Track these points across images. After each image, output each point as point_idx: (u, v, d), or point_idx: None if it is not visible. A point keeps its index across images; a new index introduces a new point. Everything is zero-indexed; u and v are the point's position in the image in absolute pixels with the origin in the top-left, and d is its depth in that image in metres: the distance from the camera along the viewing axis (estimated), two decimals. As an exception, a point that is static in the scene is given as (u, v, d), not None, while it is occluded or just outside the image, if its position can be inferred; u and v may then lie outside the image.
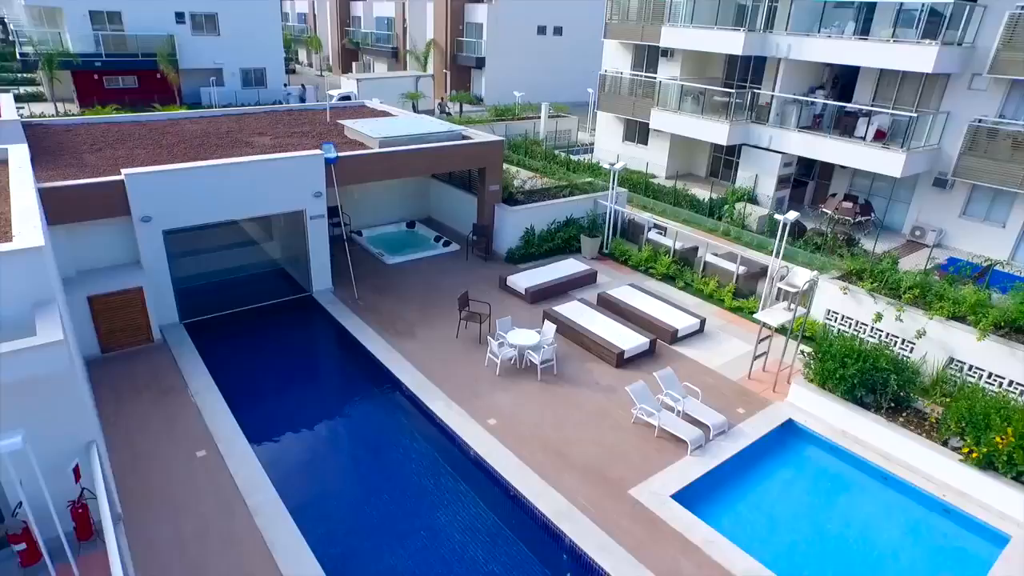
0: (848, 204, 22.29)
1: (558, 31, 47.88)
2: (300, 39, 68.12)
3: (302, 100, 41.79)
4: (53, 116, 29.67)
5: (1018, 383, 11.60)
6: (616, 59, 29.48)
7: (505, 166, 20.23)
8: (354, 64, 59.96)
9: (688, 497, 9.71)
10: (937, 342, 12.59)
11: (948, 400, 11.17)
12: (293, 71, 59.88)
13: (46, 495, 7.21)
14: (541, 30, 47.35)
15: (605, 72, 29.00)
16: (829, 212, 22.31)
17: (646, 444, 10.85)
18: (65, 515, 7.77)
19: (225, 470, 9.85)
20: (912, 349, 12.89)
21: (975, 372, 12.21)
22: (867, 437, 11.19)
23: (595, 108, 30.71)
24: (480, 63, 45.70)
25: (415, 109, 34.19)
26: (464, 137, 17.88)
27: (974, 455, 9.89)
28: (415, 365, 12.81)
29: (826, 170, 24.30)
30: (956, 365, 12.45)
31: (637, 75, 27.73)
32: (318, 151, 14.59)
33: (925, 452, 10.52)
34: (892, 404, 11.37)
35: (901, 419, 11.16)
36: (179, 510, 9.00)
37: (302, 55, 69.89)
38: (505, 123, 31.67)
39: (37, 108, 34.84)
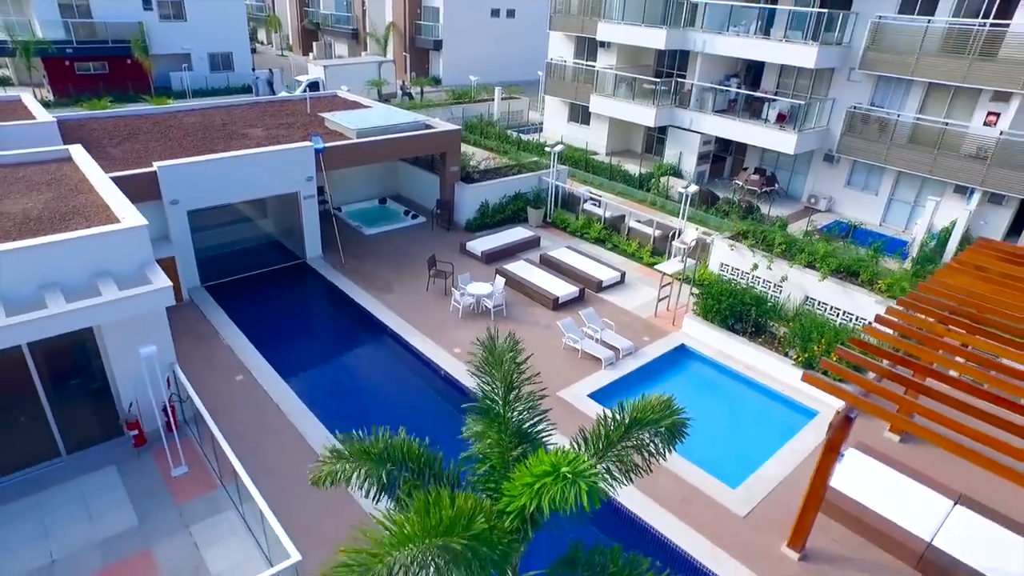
0: (756, 176, 26.31)
1: (511, 14, 50.74)
2: (260, 19, 69.26)
3: (270, 84, 43.85)
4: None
5: (847, 311, 15.70)
6: (560, 48, 32.83)
7: (463, 147, 23.57)
8: (314, 44, 61.68)
9: (601, 396, 13.48)
10: (796, 284, 16.62)
11: (788, 323, 15.18)
12: (254, 51, 61.28)
13: (151, 397, 10.57)
14: (495, 13, 50.16)
15: (551, 60, 32.32)
16: (740, 183, 26.32)
17: (572, 363, 14.60)
18: (159, 414, 11.10)
19: (260, 387, 13.28)
20: (780, 291, 16.91)
21: (822, 306, 16.28)
22: (736, 353, 15.14)
23: (543, 92, 33.99)
24: (438, 45, 48.41)
25: (380, 94, 36.93)
26: (428, 126, 21.17)
27: (799, 359, 13.91)
28: (395, 312, 16.31)
29: (741, 147, 28.22)
30: (810, 301, 16.50)
31: (578, 64, 31.14)
32: (308, 143, 17.76)
33: (772, 360, 14.49)
34: (754, 329, 15.34)
35: (760, 339, 15.14)
36: (231, 413, 12.37)
37: (261, 35, 71.07)
38: (462, 106, 34.85)
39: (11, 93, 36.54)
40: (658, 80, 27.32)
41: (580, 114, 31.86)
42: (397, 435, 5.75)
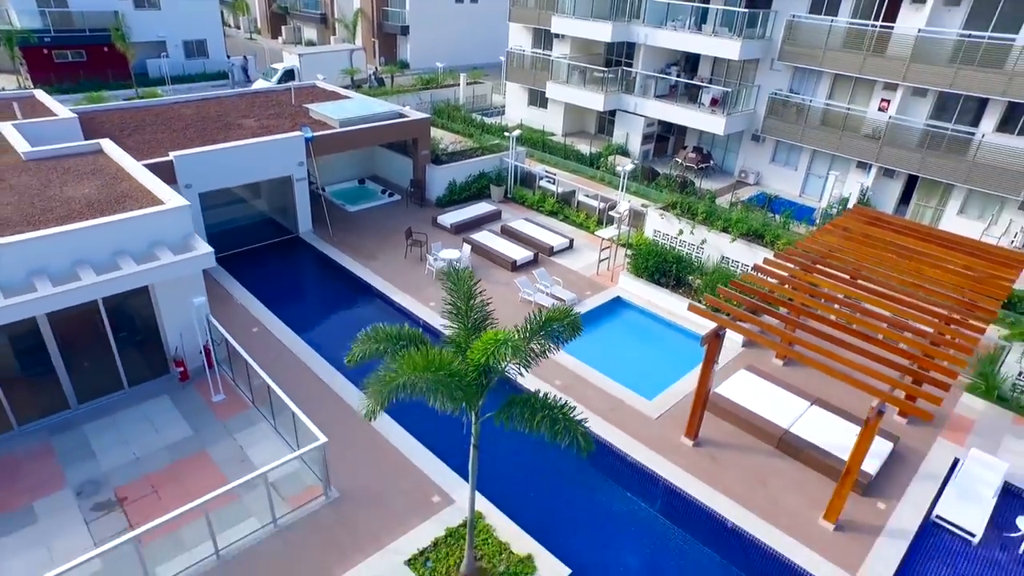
0: (694, 155, 29.76)
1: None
2: (227, 2, 70.25)
3: (245, 70, 45.88)
4: (16, 89, 33.16)
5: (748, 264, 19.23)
6: (519, 38, 35.71)
7: (433, 132, 26.48)
8: (283, 28, 63.34)
9: (549, 337, 16.78)
10: (714, 246, 20.12)
11: (702, 276, 18.69)
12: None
13: (198, 339, 13.62)
14: (459, -1, 52.61)
15: (510, 50, 35.19)
16: (680, 160, 29.76)
17: (526, 312, 17.83)
18: (200, 354, 14.11)
19: (272, 336, 16.34)
20: (701, 251, 20.40)
21: (734, 263, 19.79)
22: (660, 301, 18.60)
23: (504, 78, 36.85)
24: (405, 31, 50.74)
25: (353, 82, 39.38)
26: (401, 115, 24.07)
27: (707, 303, 17.42)
28: (379, 275, 19.44)
29: (681, 128, 31.60)
30: (724, 259, 20.02)
31: (536, 53, 34.09)
32: (299, 132, 20.59)
33: (686, 305, 17.98)
34: (675, 282, 18.82)
35: (680, 290, 18.61)
36: (252, 355, 15.29)
37: (229, 18, 72.08)
38: (430, 91, 37.55)
39: None
40: (606, 69, 30.50)
41: (538, 99, 34.88)
42: (403, 327, 8.92)
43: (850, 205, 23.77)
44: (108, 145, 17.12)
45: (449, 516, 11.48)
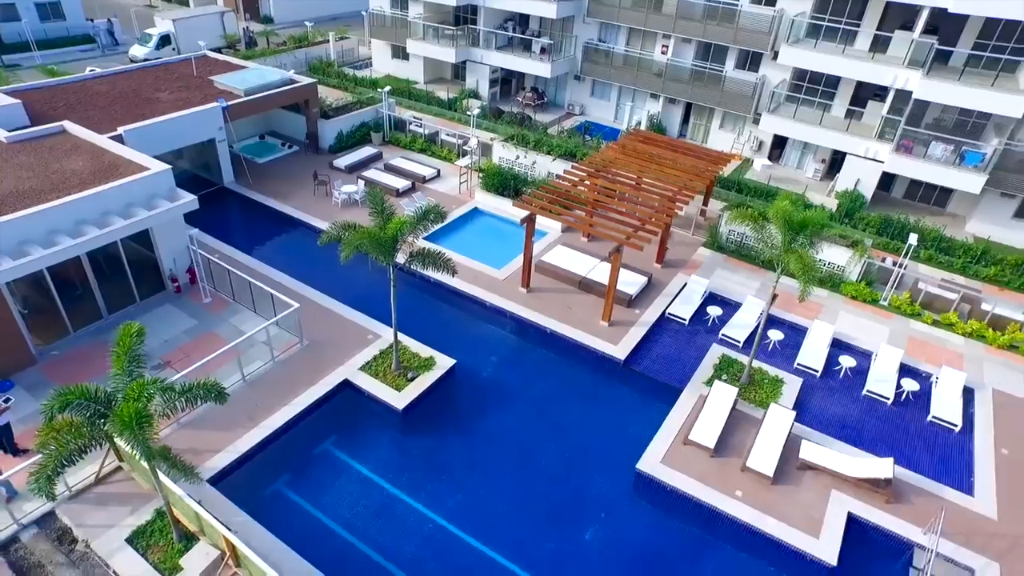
0: (531, 94, 37.31)
1: (332, -49, 56.59)
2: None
3: (111, 33, 47.67)
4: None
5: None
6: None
7: (322, 91, 32.13)
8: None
9: (435, 236, 24.12)
10: (543, 166, 27.97)
11: (533, 187, 26.52)
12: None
13: (188, 261, 19.82)
14: (317, -50, 55.84)
15: (372, 11, 40.51)
16: (520, 100, 37.22)
17: (413, 225, 25.08)
18: (188, 274, 20.27)
19: (230, 258, 22.52)
20: (533, 170, 28.18)
21: (559, 176, 27.75)
22: (504, 208, 26.31)
23: (368, 35, 42.13)
24: (266, -14, 53.77)
25: (228, 44, 43.08)
26: (293, 81, 29.68)
27: (535, 206, 25.34)
28: (297, 208, 25.82)
29: (521, 73, 38.85)
30: (551, 174, 27.92)
31: (395, 14, 39.71)
32: (216, 104, 25.97)
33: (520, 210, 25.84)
34: (514, 193, 26.55)
35: (515, 200, 26.37)
36: (221, 272, 21.63)
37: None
38: (304, 50, 42.35)
39: None
40: (455, 27, 36.98)
41: (400, 52, 40.77)
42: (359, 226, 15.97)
43: (642, 127, 32.42)
44: (69, 126, 22.10)
45: (380, 344, 18.91)
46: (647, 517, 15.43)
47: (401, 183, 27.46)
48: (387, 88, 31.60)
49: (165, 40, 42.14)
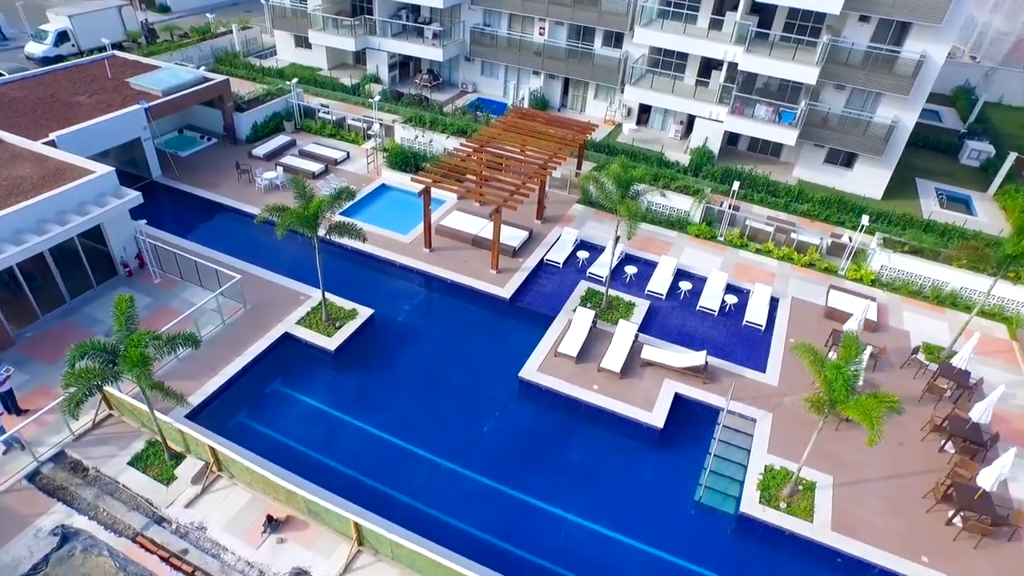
0: (427, 76, 41.20)
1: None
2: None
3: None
4: None
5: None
6: (277, -9, 43.58)
7: (233, 84, 34.95)
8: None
9: (350, 211, 28.14)
10: (439, 143, 32.26)
11: (430, 162, 30.83)
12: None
13: (137, 249, 23.26)
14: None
15: (273, 3, 43.02)
16: (417, 82, 41.07)
17: (330, 203, 29.00)
18: (136, 258, 23.68)
19: (167, 241, 25.91)
20: (431, 147, 32.41)
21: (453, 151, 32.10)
22: (408, 184, 30.47)
23: (270, 24, 44.56)
24: (160, -24, 54.62)
25: (135, 41, 44.47)
26: (206, 79, 32.55)
27: (433, 180, 29.70)
28: (224, 195, 29.21)
29: (417, 58, 42.52)
30: (446, 150, 32.20)
31: (296, 5, 42.40)
32: (138, 105, 28.78)
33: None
34: (415, 169, 30.74)
35: (413, 176, 30.61)
36: (164, 254, 25.03)
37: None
38: (208, 42, 44.43)
39: None
40: (352, 18, 40.24)
41: (304, 42, 43.58)
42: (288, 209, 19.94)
43: (525, 102, 37.10)
44: (3, 134, 24.72)
45: (311, 303, 23.08)
46: (529, 411, 20.56)
47: (316, 166, 31.18)
48: (295, 79, 34.88)
49: (63, 36, 42.55)
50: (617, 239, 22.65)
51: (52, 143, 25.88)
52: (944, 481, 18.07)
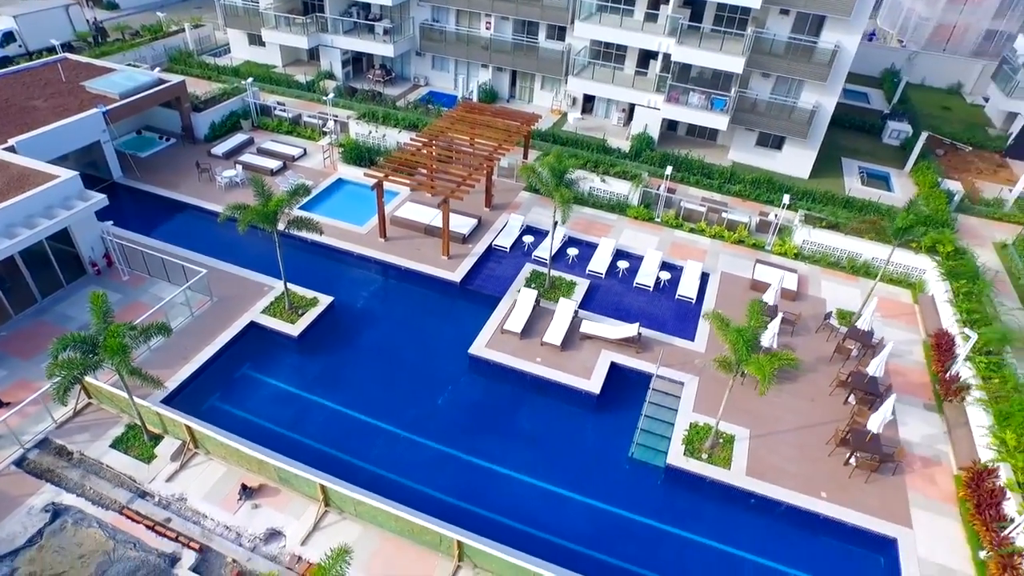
0: (379, 71, 42.54)
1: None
2: None
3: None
4: None
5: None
6: (228, -11, 44.29)
7: (189, 83, 35.88)
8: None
9: (308, 205, 29.61)
10: (392, 137, 33.81)
11: (384, 156, 32.41)
12: None
13: (104, 249, 24.53)
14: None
15: (224, 2, 43.74)
16: (370, 77, 42.40)
17: (289, 198, 30.43)
18: (104, 257, 24.94)
19: (135, 240, 27.15)
20: (384, 141, 33.96)
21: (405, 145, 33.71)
22: (363, 178, 32.03)
23: (223, 22, 45.21)
24: (108, -26, 54.58)
25: (88, 40, 44.71)
26: (162, 81, 33.50)
27: (385, 175, 31.33)
28: (187, 194, 30.42)
29: (369, 54, 43.77)
30: (399, 144, 33.75)
31: (248, 4, 43.23)
32: (96, 109, 29.73)
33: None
34: (370, 163, 32.31)
35: (366, 171, 32.18)
36: (130, 253, 26.28)
37: None
38: (161, 41, 44.97)
39: None
40: (304, 16, 41.31)
41: (257, 40, 44.46)
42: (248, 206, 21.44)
43: (473, 95, 38.78)
44: (-25, 143, 25.67)
45: (274, 293, 24.66)
46: (479, 384, 22.58)
47: (274, 163, 32.51)
48: (250, 78, 35.99)
49: (9, 37, 42.18)
50: (556, 223, 24.63)
51: (12, 149, 26.82)
52: (843, 428, 20.61)
